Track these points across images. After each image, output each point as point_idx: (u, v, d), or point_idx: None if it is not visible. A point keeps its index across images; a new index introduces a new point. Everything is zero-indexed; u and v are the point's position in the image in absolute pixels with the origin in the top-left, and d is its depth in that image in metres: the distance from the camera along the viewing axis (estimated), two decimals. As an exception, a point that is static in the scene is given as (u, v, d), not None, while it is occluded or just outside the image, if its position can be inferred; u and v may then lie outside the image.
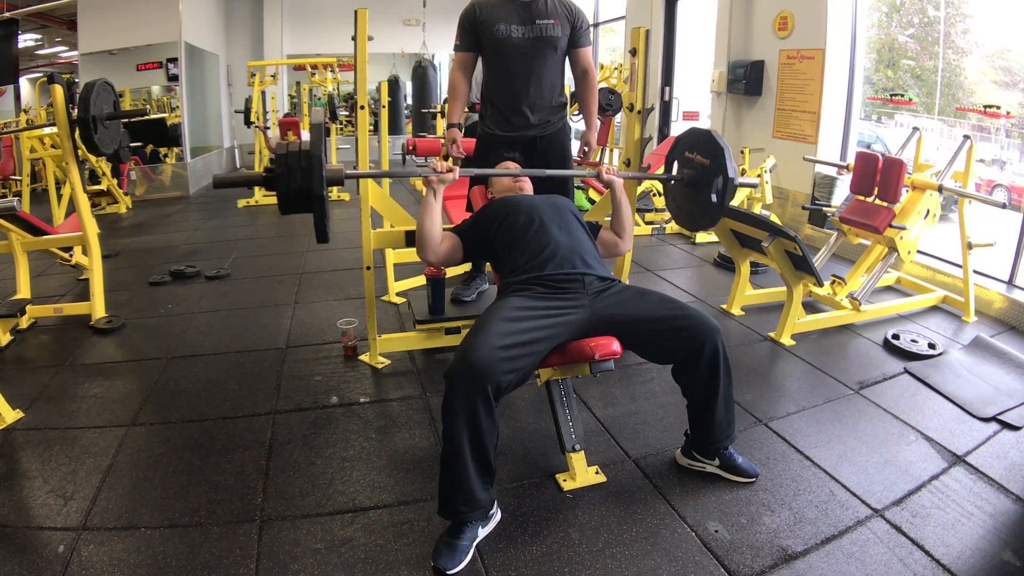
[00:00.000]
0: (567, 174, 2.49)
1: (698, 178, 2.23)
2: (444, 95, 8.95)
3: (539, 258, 1.84)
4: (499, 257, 1.98)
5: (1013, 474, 1.91)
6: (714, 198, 2.15)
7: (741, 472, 1.86)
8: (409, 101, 9.70)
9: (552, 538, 1.64)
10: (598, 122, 2.61)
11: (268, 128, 6.74)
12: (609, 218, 2.25)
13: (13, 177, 5.95)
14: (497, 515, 1.68)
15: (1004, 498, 1.81)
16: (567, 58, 2.51)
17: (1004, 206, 2.83)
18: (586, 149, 2.65)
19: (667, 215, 5.07)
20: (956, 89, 4.43)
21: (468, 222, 2.10)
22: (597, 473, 1.89)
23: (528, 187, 2.22)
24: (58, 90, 2.91)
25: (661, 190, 5.28)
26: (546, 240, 1.87)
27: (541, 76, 2.42)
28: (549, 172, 2.32)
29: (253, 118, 6.52)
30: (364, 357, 2.70)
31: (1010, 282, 3.40)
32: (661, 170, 5.55)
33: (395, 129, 9.10)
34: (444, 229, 2.04)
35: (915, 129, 3.35)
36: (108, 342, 2.95)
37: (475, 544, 1.58)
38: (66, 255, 3.56)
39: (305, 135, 6.40)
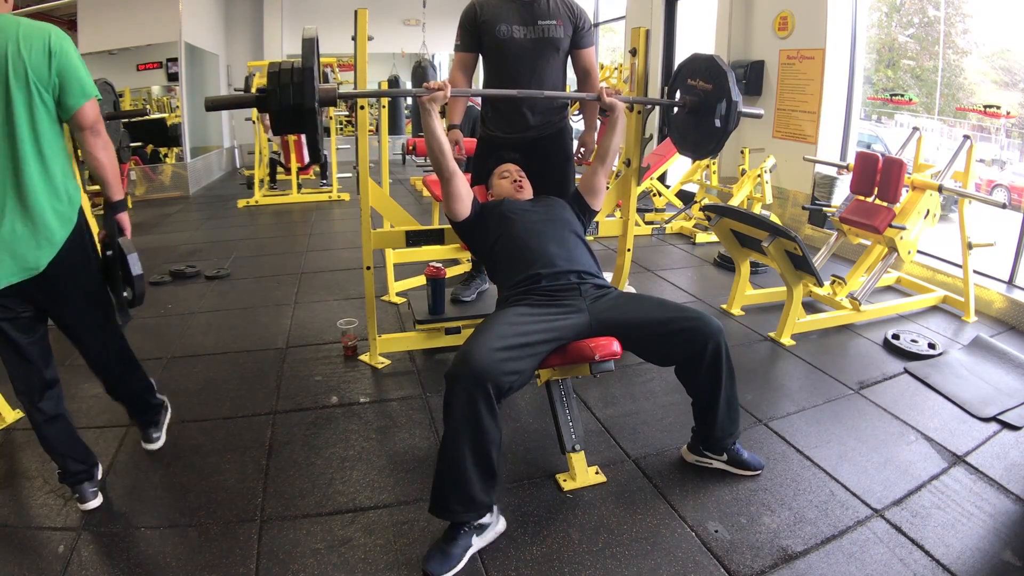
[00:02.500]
0: (565, 96, 2.43)
1: (701, 104, 2.20)
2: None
3: (536, 274, 1.85)
4: (497, 270, 2.01)
5: (1013, 474, 1.92)
6: (718, 123, 2.13)
7: (747, 466, 1.89)
8: (409, 101, 9.69)
9: (552, 538, 1.64)
10: (598, 122, 2.59)
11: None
12: (599, 142, 2.26)
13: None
14: (498, 527, 1.65)
15: (1004, 498, 1.81)
16: (569, 58, 2.50)
17: (1004, 206, 2.83)
18: (583, 151, 2.64)
19: (667, 215, 5.07)
20: (956, 89, 4.43)
21: (479, 204, 2.12)
22: (597, 473, 1.89)
23: (528, 190, 2.22)
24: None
25: (661, 191, 5.30)
26: (544, 259, 1.88)
27: (542, 77, 2.41)
28: (547, 93, 2.30)
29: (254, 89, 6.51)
30: (364, 357, 2.70)
31: (1010, 282, 3.40)
32: (662, 169, 5.53)
33: (395, 129, 9.09)
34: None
35: (915, 129, 3.35)
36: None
37: (469, 554, 1.56)
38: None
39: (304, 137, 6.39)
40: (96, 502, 1.76)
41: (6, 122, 1.47)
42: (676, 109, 2.39)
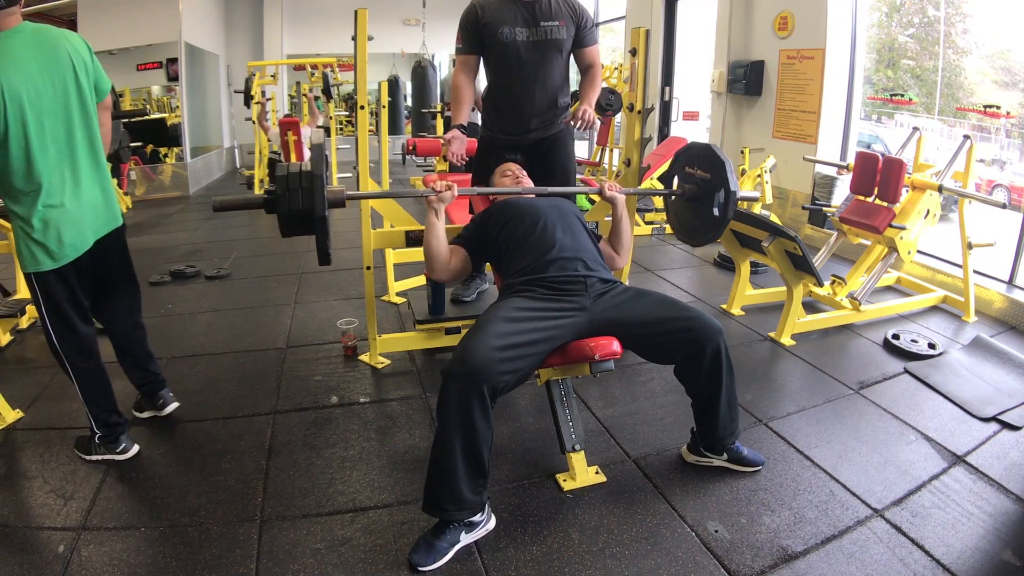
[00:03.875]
0: (570, 191, 2.40)
1: (699, 192, 2.22)
2: (443, 95, 8.95)
3: (542, 260, 1.83)
4: (501, 260, 1.97)
5: (1013, 474, 1.92)
6: (716, 212, 2.14)
7: (748, 463, 1.89)
8: (409, 101, 9.70)
9: (552, 538, 1.64)
10: (594, 115, 2.47)
11: (268, 116, 6.73)
12: (610, 233, 2.22)
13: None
14: (488, 524, 1.66)
15: (1004, 498, 1.81)
16: (572, 57, 2.48)
17: (1004, 206, 2.83)
18: (572, 121, 2.40)
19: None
20: (956, 89, 4.43)
21: (470, 228, 2.09)
22: (597, 473, 1.89)
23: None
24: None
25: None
26: (549, 243, 1.87)
27: (545, 80, 2.40)
28: (551, 189, 2.24)
29: (253, 93, 6.53)
30: (364, 357, 2.70)
31: (1010, 282, 3.40)
32: (662, 169, 5.55)
33: (395, 129, 9.10)
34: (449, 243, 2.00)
35: (915, 129, 3.35)
36: (108, 342, 2.94)
37: (455, 549, 1.57)
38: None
39: (305, 132, 6.39)
40: (136, 447, 2.02)
41: (82, 109, 1.80)
42: (675, 196, 2.38)
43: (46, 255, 1.76)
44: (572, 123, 2.38)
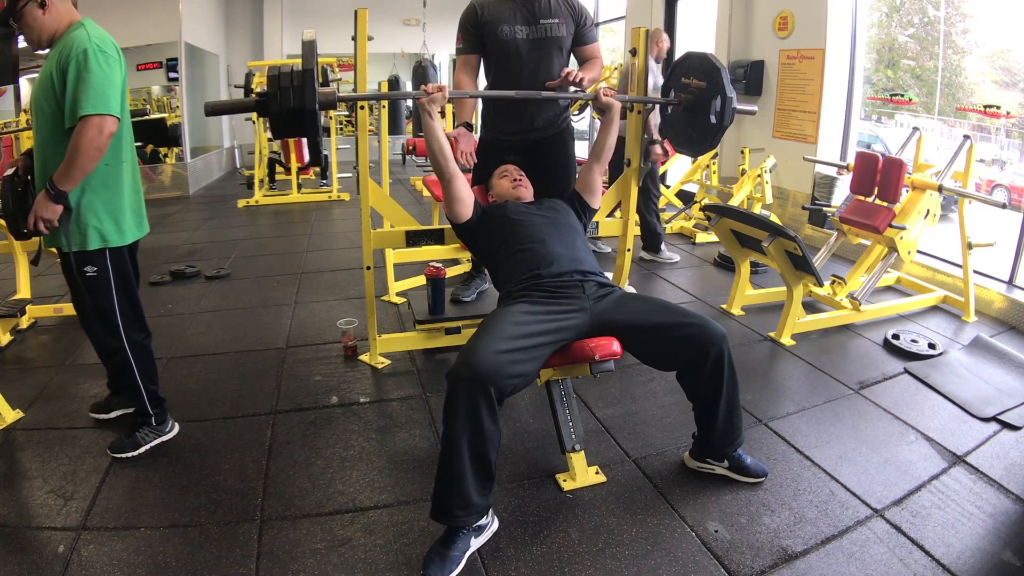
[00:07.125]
0: (562, 96, 2.36)
1: (696, 101, 2.22)
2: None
3: (539, 270, 1.85)
4: (499, 272, 2.00)
5: (1013, 474, 1.92)
6: (713, 119, 2.14)
7: (750, 473, 1.86)
8: (409, 102, 9.70)
9: (552, 538, 1.64)
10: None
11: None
12: (596, 141, 2.27)
13: (13, 177, 5.94)
14: (493, 527, 1.65)
15: (1004, 498, 1.81)
16: (572, 55, 2.48)
17: (1004, 206, 2.83)
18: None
19: (667, 215, 5.07)
20: (956, 89, 4.43)
21: (481, 207, 2.12)
22: (597, 473, 1.89)
23: (528, 189, 2.22)
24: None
25: (661, 191, 5.29)
26: (549, 257, 1.88)
27: (546, 78, 2.40)
28: (545, 94, 2.26)
29: (255, 85, 6.52)
30: (364, 357, 2.70)
31: (1010, 282, 3.40)
32: (662, 170, 5.53)
33: (395, 129, 9.10)
34: None
35: (915, 129, 3.35)
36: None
37: (467, 555, 1.56)
38: (66, 255, 3.56)
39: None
40: (178, 426, 2.14)
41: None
42: (671, 108, 2.39)
43: (134, 225, 1.90)
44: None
